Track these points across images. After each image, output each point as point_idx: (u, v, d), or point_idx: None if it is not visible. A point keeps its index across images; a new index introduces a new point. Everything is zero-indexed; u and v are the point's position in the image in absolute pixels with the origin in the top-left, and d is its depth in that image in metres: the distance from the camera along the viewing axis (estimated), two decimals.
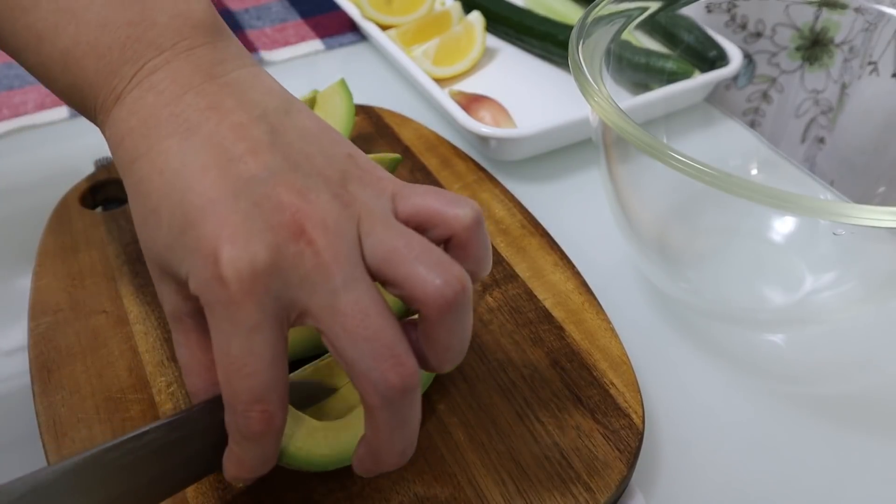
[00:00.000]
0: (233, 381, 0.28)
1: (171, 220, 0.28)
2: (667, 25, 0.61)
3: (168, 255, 0.29)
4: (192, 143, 0.29)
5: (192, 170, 0.29)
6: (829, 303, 0.46)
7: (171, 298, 0.31)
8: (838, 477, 0.39)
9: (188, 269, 0.28)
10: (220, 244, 0.27)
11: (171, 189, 0.29)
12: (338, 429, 0.34)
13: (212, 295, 0.27)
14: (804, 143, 0.66)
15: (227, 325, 0.27)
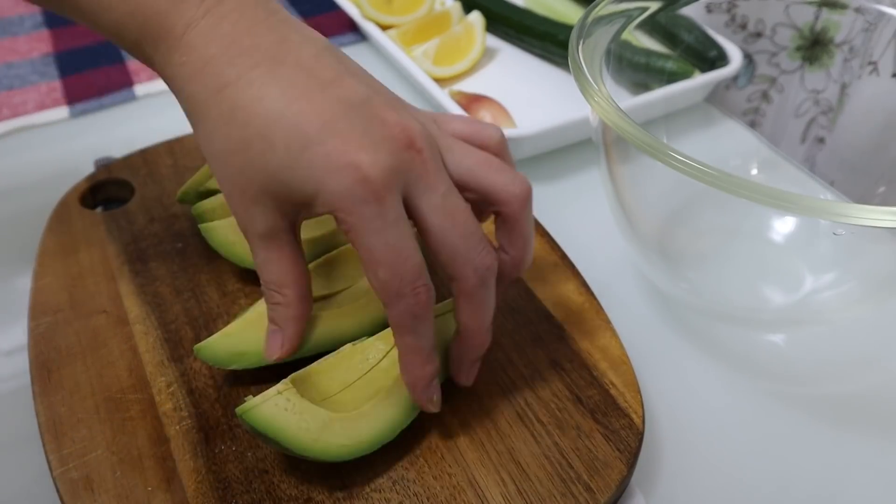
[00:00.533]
0: (397, 267, 0.32)
1: (287, 141, 0.31)
2: (667, 25, 0.61)
3: (286, 174, 0.32)
4: (283, 72, 0.32)
5: (295, 95, 0.32)
6: (829, 303, 0.46)
7: (268, 218, 0.34)
8: (838, 477, 0.39)
9: (319, 182, 0.31)
10: (354, 154, 0.31)
11: (280, 114, 0.32)
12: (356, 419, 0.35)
13: (358, 197, 0.31)
14: (804, 143, 0.66)
15: (379, 221, 0.31)
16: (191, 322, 0.42)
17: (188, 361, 0.40)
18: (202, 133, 0.34)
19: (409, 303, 0.33)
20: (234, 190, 0.34)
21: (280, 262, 0.35)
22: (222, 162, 0.33)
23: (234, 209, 0.34)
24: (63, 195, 0.49)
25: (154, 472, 0.35)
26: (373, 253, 0.32)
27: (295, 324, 0.37)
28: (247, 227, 0.35)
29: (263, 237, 0.34)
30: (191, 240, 0.47)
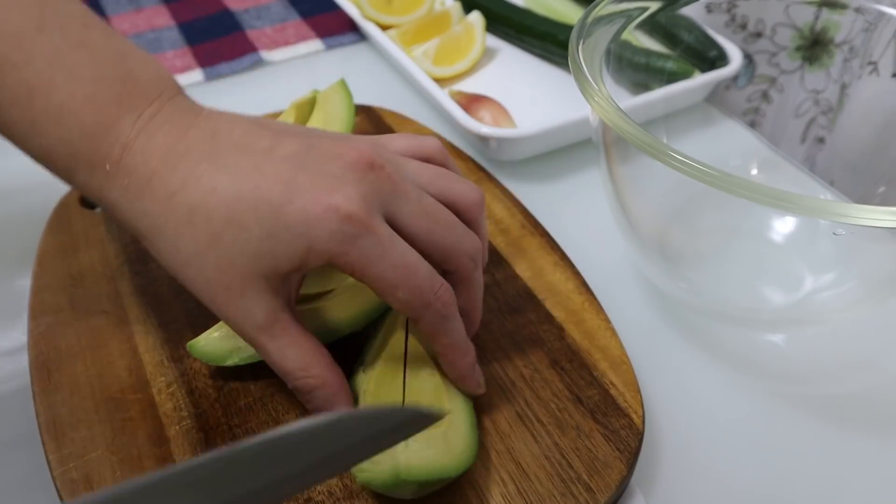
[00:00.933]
0: (413, 282, 0.33)
1: (257, 216, 0.32)
2: (667, 25, 0.61)
3: (268, 247, 0.32)
4: (224, 160, 0.33)
5: (245, 173, 0.32)
6: (829, 303, 0.46)
7: (264, 303, 0.33)
8: (838, 477, 0.39)
9: (306, 239, 0.31)
10: (328, 198, 0.31)
11: (238, 195, 0.32)
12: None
13: (350, 235, 0.31)
14: (804, 143, 0.66)
15: (378, 248, 0.32)
16: (191, 322, 0.42)
17: (188, 361, 0.40)
18: (165, 247, 0.33)
19: (437, 308, 0.34)
20: (217, 291, 0.33)
21: (294, 345, 0.34)
22: (195, 268, 0.33)
23: (224, 313, 0.33)
24: (63, 195, 0.49)
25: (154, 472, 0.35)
26: (384, 279, 0.32)
27: (342, 396, 0.35)
28: (245, 324, 0.33)
29: (267, 327, 0.33)
30: None
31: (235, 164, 0.33)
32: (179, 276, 0.34)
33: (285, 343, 0.34)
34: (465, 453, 0.34)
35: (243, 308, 0.33)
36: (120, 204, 0.33)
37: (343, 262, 0.32)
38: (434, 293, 0.33)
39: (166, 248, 0.33)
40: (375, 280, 0.32)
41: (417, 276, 0.33)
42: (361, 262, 0.32)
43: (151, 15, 0.77)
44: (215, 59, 0.69)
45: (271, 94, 0.65)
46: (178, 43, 0.72)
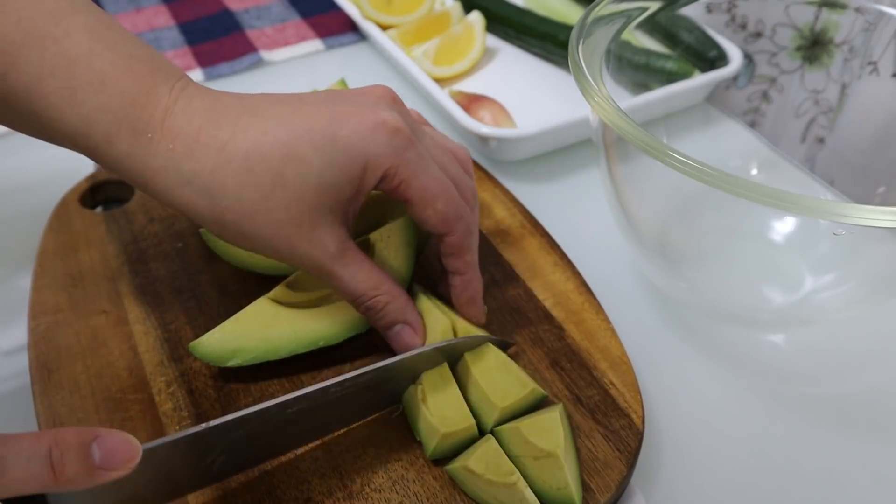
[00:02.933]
0: (450, 193, 0.36)
1: (314, 147, 0.33)
2: (667, 25, 0.61)
3: (331, 175, 0.34)
4: (264, 111, 0.34)
5: (289, 116, 0.34)
6: (830, 303, 0.46)
7: (335, 233, 0.35)
8: (838, 476, 0.39)
9: (363, 156, 0.34)
10: (375, 115, 0.34)
11: (290, 133, 0.33)
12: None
13: (400, 146, 0.34)
14: (804, 143, 0.66)
15: (422, 161, 0.35)
16: (191, 322, 0.42)
17: (188, 361, 0.40)
18: (225, 201, 0.33)
19: (467, 221, 0.37)
20: (290, 231, 0.34)
21: (362, 268, 0.36)
22: (263, 214, 0.34)
23: (298, 250, 0.35)
24: (63, 195, 0.49)
25: None
26: (427, 190, 0.35)
27: (412, 308, 0.38)
28: (319, 256, 0.35)
29: (339, 255, 0.36)
30: (191, 240, 0.47)
31: (275, 112, 0.34)
32: (245, 230, 0.34)
33: (356, 268, 0.36)
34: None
35: (316, 241, 0.35)
36: (167, 170, 0.33)
37: (393, 174, 0.35)
38: (465, 207, 0.37)
39: (228, 204, 0.33)
40: (420, 191, 0.35)
41: (452, 190, 0.37)
42: (409, 174, 0.35)
43: (151, 15, 0.77)
44: (215, 59, 0.69)
45: None
46: (178, 43, 0.72)
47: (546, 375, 0.39)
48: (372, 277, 0.37)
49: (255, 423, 0.32)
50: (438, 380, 0.37)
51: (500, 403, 0.36)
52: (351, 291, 0.37)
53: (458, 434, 0.35)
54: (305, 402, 0.33)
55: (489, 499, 0.33)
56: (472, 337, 0.38)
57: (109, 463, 0.27)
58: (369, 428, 0.37)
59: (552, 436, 0.34)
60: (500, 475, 0.33)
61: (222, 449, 0.32)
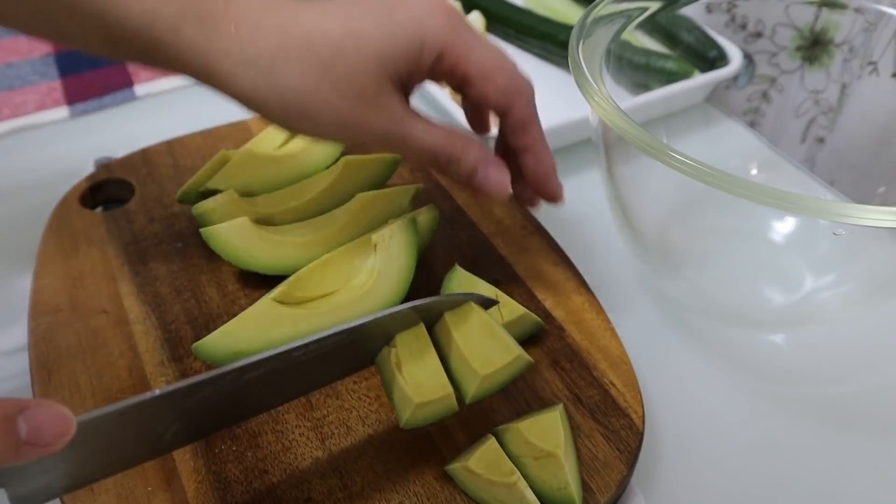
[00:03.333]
0: (508, 67, 0.37)
1: (373, 22, 0.35)
2: (667, 25, 0.61)
3: (390, 45, 0.35)
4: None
5: (346, 1, 0.35)
6: (830, 303, 0.46)
7: (398, 98, 0.36)
8: (838, 476, 0.39)
9: (422, 31, 0.35)
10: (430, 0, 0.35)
11: (347, 12, 0.35)
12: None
13: (457, 25, 0.36)
14: (804, 143, 0.66)
15: (477, 39, 0.36)
16: (191, 322, 0.42)
17: (188, 361, 0.40)
18: (288, 81, 0.34)
19: (528, 94, 0.38)
20: (355, 101, 0.35)
21: (431, 125, 0.37)
22: (328, 84, 0.34)
23: (365, 118, 0.35)
24: (63, 195, 0.49)
25: (154, 472, 0.35)
26: (486, 64, 0.36)
27: (489, 150, 0.39)
28: (389, 120, 0.36)
29: (406, 118, 0.36)
30: (191, 240, 0.47)
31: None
32: (308, 107, 0.35)
33: (427, 125, 0.37)
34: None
35: (383, 106, 0.36)
36: (231, 54, 0.34)
37: (450, 50, 0.35)
38: (526, 81, 0.38)
39: (290, 84, 0.34)
40: (479, 65, 0.36)
41: (510, 65, 0.37)
42: (466, 49, 0.36)
43: None
44: None
45: None
46: None
47: (546, 375, 0.39)
48: (444, 131, 0.37)
49: (210, 390, 0.31)
50: (414, 342, 0.35)
51: (482, 371, 0.34)
52: (428, 147, 0.37)
53: (434, 404, 0.34)
54: (267, 366, 0.32)
55: (489, 499, 0.33)
56: (452, 295, 0.37)
57: (38, 438, 0.25)
58: (369, 428, 0.37)
59: (552, 436, 0.34)
60: (500, 475, 0.33)
61: (175, 417, 0.31)
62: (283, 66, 0.34)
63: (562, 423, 0.35)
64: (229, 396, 0.32)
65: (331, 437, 0.37)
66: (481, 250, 0.47)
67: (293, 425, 0.37)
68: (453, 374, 0.35)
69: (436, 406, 0.34)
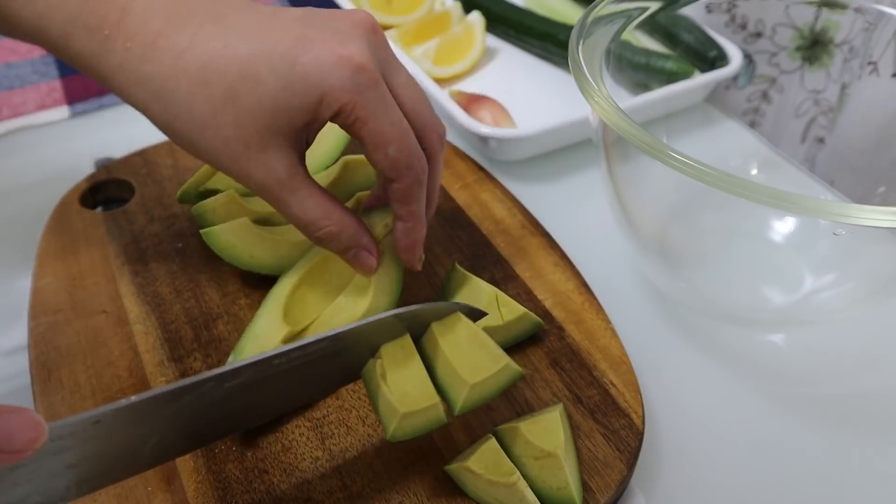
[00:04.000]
0: (405, 140, 0.35)
1: (272, 68, 0.32)
2: (667, 25, 0.61)
3: (285, 98, 0.32)
4: (230, 21, 0.33)
5: (254, 31, 0.33)
6: (829, 303, 0.46)
7: (285, 156, 0.34)
8: (838, 476, 0.39)
9: (321, 86, 0.32)
10: (342, 48, 0.33)
11: (251, 50, 0.32)
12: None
13: (362, 85, 0.33)
14: (804, 143, 0.66)
15: (382, 103, 0.34)
16: (191, 322, 0.42)
17: (188, 361, 0.40)
18: (177, 111, 0.33)
19: (417, 171, 0.36)
20: (238, 149, 0.33)
21: (312, 195, 0.36)
22: (212, 129, 0.33)
23: (245, 170, 0.34)
24: (63, 195, 0.49)
25: (154, 472, 0.35)
26: (383, 134, 0.34)
27: (364, 233, 0.38)
28: (266, 179, 0.34)
29: (287, 180, 0.35)
30: (191, 240, 0.47)
31: (243, 24, 0.33)
32: (194, 141, 0.33)
33: (305, 194, 0.35)
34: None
35: (264, 163, 0.34)
36: (122, 69, 0.33)
37: (349, 111, 0.33)
38: (418, 157, 0.36)
39: (179, 112, 0.33)
40: (374, 133, 0.34)
41: (408, 137, 0.35)
42: (366, 114, 0.33)
43: None
44: None
45: None
46: None
47: (546, 375, 0.39)
48: (322, 205, 0.36)
49: (189, 398, 0.30)
50: (399, 353, 0.34)
51: (471, 379, 0.33)
52: (300, 219, 0.36)
53: (421, 414, 0.32)
54: (247, 375, 0.31)
55: (489, 499, 0.33)
56: (438, 304, 0.35)
57: (8, 444, 0.24)
58: (369, 428, 0.37)
59: (552, 436, 0.34)
60: (500, 475, 0.33)
61: (153, 428, 0.29)
62: (172, 95, 0.32)
63: (562, 423, 0.35)
64: (209, 407, 0.31)
65: (331, 437, 0.37)
66: (481, 250, 0.47)
67: (293, 425, 0.37)
68: (441, 384, 0.34)
69: (423, 417, 0.33)
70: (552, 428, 0.35)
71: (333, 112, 0.33)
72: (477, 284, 0.41)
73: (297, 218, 0.36)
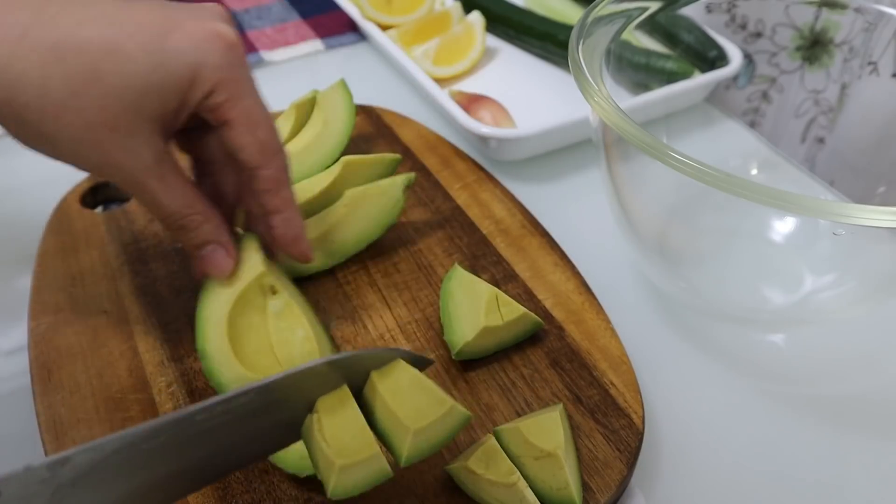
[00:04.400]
0: (272, 123, 0.34)
1: (142, 44, 0.30)
2: (667, 25, 0.61)
3: (156, 76, 0.30)
4: (77, 1, 0.30)
5: (114, 9, 0.30)
6: (829, 303, 0.46)
7: (154, 142, 0.32)
8: (838, 476, 0.39)
9: (195, 63, 0.31)
10: (213, 25, 0.31)
11: (114, 24, 0.30)
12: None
13: (235, 62, 0.32)
14: (804, 143, 0.66)
15: (251, 83, 0.33)
16: (191, 322, 0.42)
17: (188, 361, 0.40)
18: (27, 95, 0.29)
19: (283, 157, 0.35)
20: (102, 134, 0.30)
21: (178, 185, 0.34)
22: (73, 111, 0.29)
23: (108, 157, 0.31)
24: (63, 195, 0.49)
25: None
26: (252, 113, 0.33)
27: (225, 231, 0.36)
28: (133, 166, 0.32)
29: (154, 166, 0.32)
30: None
31: (95, 5, 0.30)
32: (50, 132, 0.30)
33: (172, 183, 0.33)
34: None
35: (132, 149, 0.31)
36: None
37: (222, 88, 0.32)
38: (281, 145, 0.35)
39: (29, 99, 0.29)
40: (245, 113, 0.33)
41: (273, 121, 0.34)
42: (237, 92, 0.32)
43: None
44: None
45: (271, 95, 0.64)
46: None
47: (546, 375, 0.39)
48: (187, 195, 0.34)
49: (100, 475, 0.25)
50: (336, 404, 0.31)
51: (413, 425, 0.31)
52: (164, 207, 0.34)
53: (362, 466, 0.30)
54: (164, 436, 0.26)
55: (489, 499, 0.33)
56: (377, 350, 0.33)
57: None
58: None
59: (552, 436, 0.34)
60: (500, 475, 0.33)
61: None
62: (18, 79, 0.28)
63: (562, 423, 0.35)
64: (132, 476, 0.26)
65: None
66: (481, 250, 0.47)
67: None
68: (384, 434, 0.32)
69: (364, 469, 0.30)
70: (552, 428, 0.35)
71: (206, 92, 0.32)
72: (476, 284, 0.41)
73: (162, 207, 0.34)
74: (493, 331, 0.39)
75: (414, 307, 0.43)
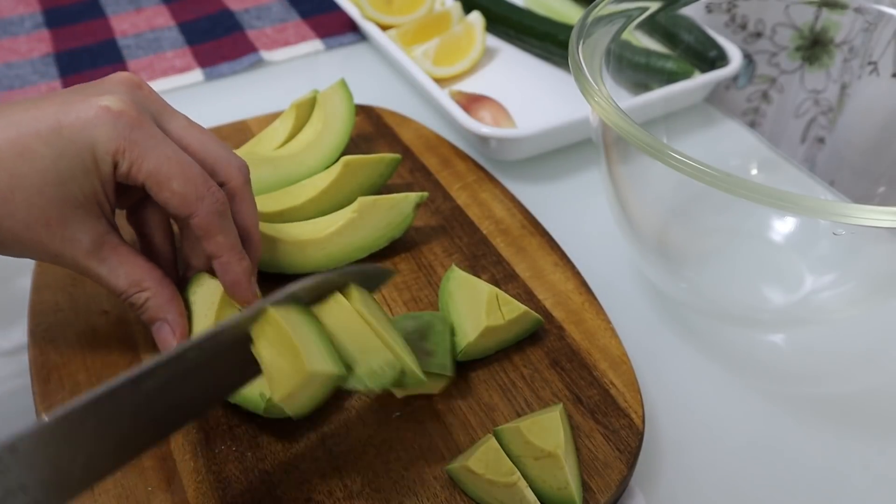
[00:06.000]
0: (188, 173, 0.34)
1: (43, 139, 0.32)
2: (667, 25, 0.61)
3: (64, 167, 0.32)
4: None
5: (16, 113, 0.32)
6: (830, 303, 0.46)
7: (89, 226, 0.33)
8: (838, 476, 0.39)
9: (91, 143, 0.32)
10: (98, 102, 0.32)
11: (18, 128, 0.31)
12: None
13: (125, 127, 0.32)
14: (804, 143, 0.66)
15: (152, 140, 0.33)
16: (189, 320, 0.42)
17: None
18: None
19: (211, 201, 0.35)
20: (39, 231, 0.32)
21: (125, 263, 0.35)
22: (8, 217, 0.32)
23: (50, 250, 0.33)
24: None
25: (154, 472, 0.35)
26: (160, 169, 0.33)
27: (174, 304, 0.37)
28: (73, 254, 0.33)
29: (95, 251, 0.34)
30: None
31: (3, 114, 0.32)
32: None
33: (115, 263, 0.34)
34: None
35: (69, 238, 0.33)
36: None
37: (123, 156, 0.32)
38: (208, 188, 0.35)
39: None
40: (152, 172, 0.33)
41: (192, 169, 0.34)
42: (137, 154, 0.33)
43: (151, 15, 0.77)
44: (215, 59, 0.69)
45: (271, 94, 0.65)
46: (178, 43, 0.72)
47: (546, 375, 0.39)
48: (134, 272, 0.35)
49: (107, 408, 0.28)
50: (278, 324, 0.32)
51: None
52: (110, 287, 0.35)
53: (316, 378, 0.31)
54: (163, 375, 0.29)
55: (489, 499, 0.33)
56: (329, 273, 0.34)
57: None
58: (369, 428, 0.37)
59: (552, 436, 0.34)
60: (500, 475, 0.33)
61: (78, 446, 0.27)
62: None
63: (562, 423, 0.35)
64: (131, 415, 0.29)
65: (331, 437, 0.37)
66: (481, 250, 0.47)
67: (293, 425, 0.37)
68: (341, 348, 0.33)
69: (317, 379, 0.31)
70: (552, 428, 0.35)
71: (111, 164, 0.33)
72: (476, 284, 0.41)
73: (108, 286, 0.35)
74: (494, 330, 0.39)
75: (414, 307, 0.43)
